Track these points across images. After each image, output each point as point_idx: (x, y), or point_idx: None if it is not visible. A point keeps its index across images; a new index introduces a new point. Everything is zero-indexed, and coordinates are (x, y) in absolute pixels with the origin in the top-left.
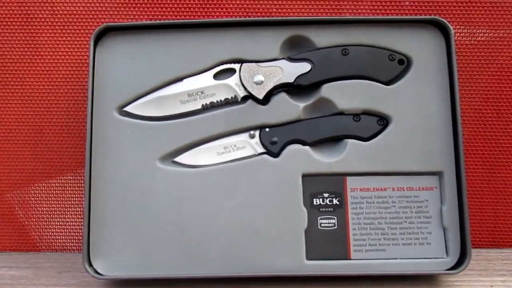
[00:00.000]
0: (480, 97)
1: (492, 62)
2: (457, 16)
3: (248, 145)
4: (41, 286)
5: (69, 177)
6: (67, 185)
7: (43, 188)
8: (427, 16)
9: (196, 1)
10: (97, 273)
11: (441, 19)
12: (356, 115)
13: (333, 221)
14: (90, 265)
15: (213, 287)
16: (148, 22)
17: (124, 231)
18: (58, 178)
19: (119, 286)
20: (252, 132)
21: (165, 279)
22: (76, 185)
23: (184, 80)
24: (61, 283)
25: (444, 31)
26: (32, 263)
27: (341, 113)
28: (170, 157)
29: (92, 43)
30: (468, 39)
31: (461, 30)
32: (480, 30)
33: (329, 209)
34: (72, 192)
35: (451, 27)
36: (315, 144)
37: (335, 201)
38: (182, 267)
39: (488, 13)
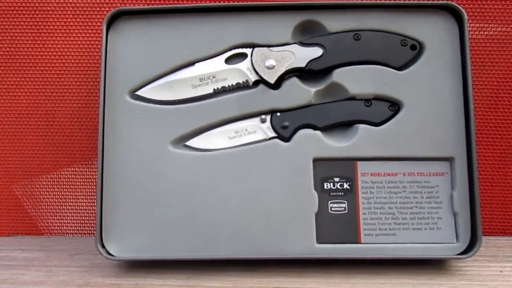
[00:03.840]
0: (492, 85)
1: (506, 49)
2: (469, 10)
3: (259, 129)
4: (54, 268)
5: (81, 161)
6: (79, 170)
7: (55, 174)
8: (440, 1)
9: None
10: (110, 254)
11: (454, 4)
12: (368, 100)
13: (344, 205)
14: (103, 246)
15: (224, 269)
16: (160, 6)
17: (136, 214)
18: (70, 162)
19: (131, 267)
20: (263, 116)
21: (176, 260)
22: (87, 169)
23: (196, 65)
24: (73, 265)
25: (457, 16)
26: (44, 246)
27: (352, 98)
28: (182, 140)
29: (104, 28)
30: (480, 33)
31: (473, 24)
32: (492, 25)
33: (340, 194)
34: (83, 177)
35: (464, 12)
36: (326, 128)
37: (345, 186)
38: (193, 249)
39: (500, 7)
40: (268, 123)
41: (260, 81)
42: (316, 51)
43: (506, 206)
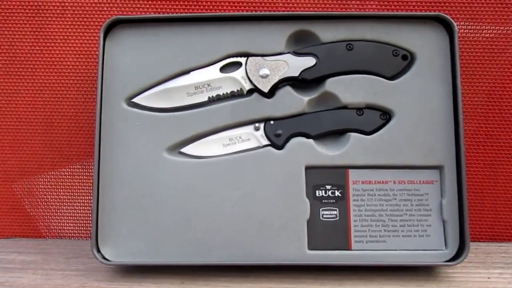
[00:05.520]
0: (483, 93)
1: (496, 59)
2: (462, 12)
3: (253, 137)
4: (50, 271)
5: (78, 166)
6: (76, 174)
7: (52, 177)
8: (431, 13)
9: None
10: (105, 259)
11: (445, 15)
12: (360, 109)
13: (335, 212)
14: (98, 251)
15: (217, 275)
16: (157, 15)
17: (132, 219)
18: (67, 167)
19: (126, 272)
20: (257, 124)
21: (171, 265)
22: (84, 174)
23: (191, 73)
24: (70, 268)
25: (448, 27)
26: (41, 249)
27: (344, 107)
28: (177, 147)
29: (102, 36)
30: (473, 35)
31: (466, 26)
32: (485, 27)
33: (331, 201)
34: (80, 181)
35: (454, 24)
36: (319, 137)
37: (337, 193)
38: (188, 254)
39: (493, 9)
40: (261, 131)
41: (254, 89)
42: (309, 61)
43: (496, 213)
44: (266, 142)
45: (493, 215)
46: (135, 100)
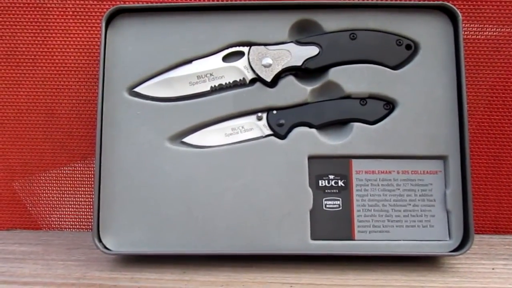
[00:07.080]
0: (487, 85)
1: (500, 50)
2: (465, 12)
3: (255, 127)
4: (51, 261)
5: (79, 157)
6: (77, 165)
7: (53, 169)
8: (435, 2)
9: None
10: (106, 248)
11: (449, 4)
12: (363, 99)
13: (338, 202)
14: (100, 240)
15: (219, 264)
16: (159, 4)
17: (133, 209)
18: (68, 158)
19: (127, 261)
20: (259, 114)
21: (172, 255)
22: (86, 165)
23: (194, 62)
24: (70, 259)
25: (452, 16)
26: (42, 240)
27: (348, 96)
28: (179, 137)
29: (103, 25)
30: (477, 26)
31: (469, 25)
32: (490, 18)
33: (334, 191)
34: (82, 172)
35: (459, 13)
36: (322, 127)
37: (340, 183)
38: (189, 244)
39: (497, 8)
40: (264, 120)
41: (257, 79)
42: (312, 50)
43: (499, 205)
44: (269, 131)
45: (497, 207)
46: (137, 89)
